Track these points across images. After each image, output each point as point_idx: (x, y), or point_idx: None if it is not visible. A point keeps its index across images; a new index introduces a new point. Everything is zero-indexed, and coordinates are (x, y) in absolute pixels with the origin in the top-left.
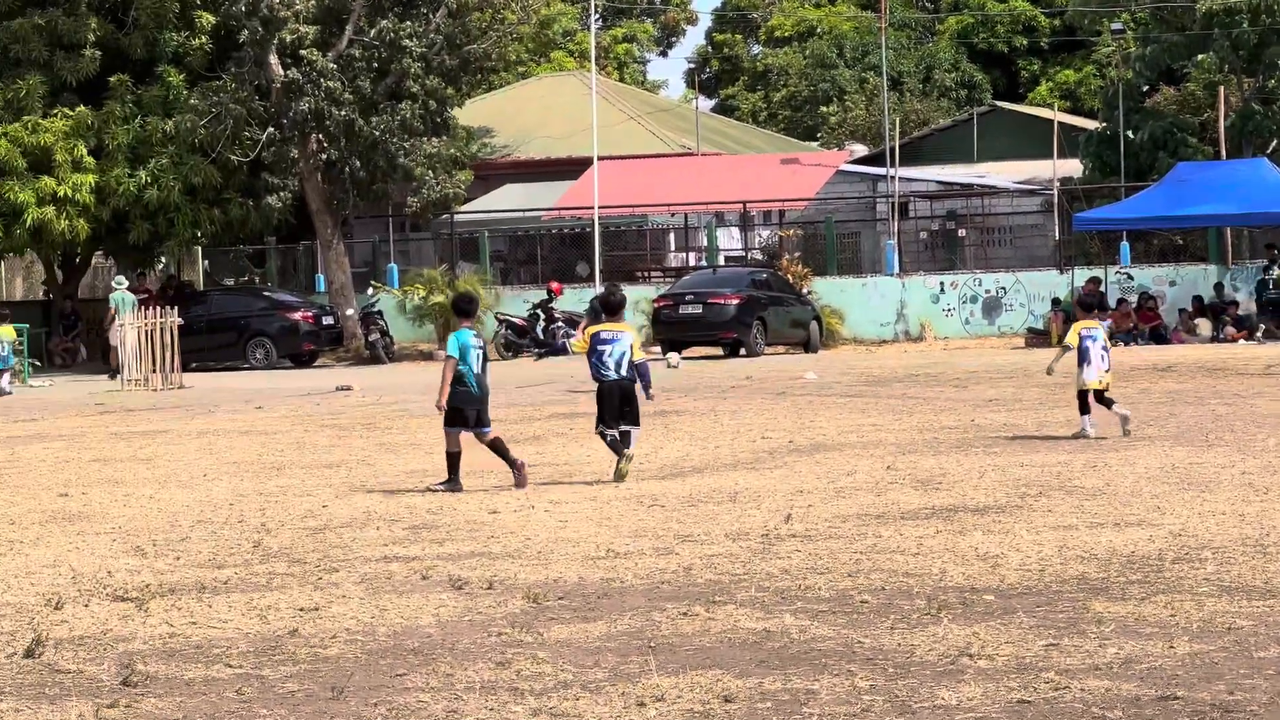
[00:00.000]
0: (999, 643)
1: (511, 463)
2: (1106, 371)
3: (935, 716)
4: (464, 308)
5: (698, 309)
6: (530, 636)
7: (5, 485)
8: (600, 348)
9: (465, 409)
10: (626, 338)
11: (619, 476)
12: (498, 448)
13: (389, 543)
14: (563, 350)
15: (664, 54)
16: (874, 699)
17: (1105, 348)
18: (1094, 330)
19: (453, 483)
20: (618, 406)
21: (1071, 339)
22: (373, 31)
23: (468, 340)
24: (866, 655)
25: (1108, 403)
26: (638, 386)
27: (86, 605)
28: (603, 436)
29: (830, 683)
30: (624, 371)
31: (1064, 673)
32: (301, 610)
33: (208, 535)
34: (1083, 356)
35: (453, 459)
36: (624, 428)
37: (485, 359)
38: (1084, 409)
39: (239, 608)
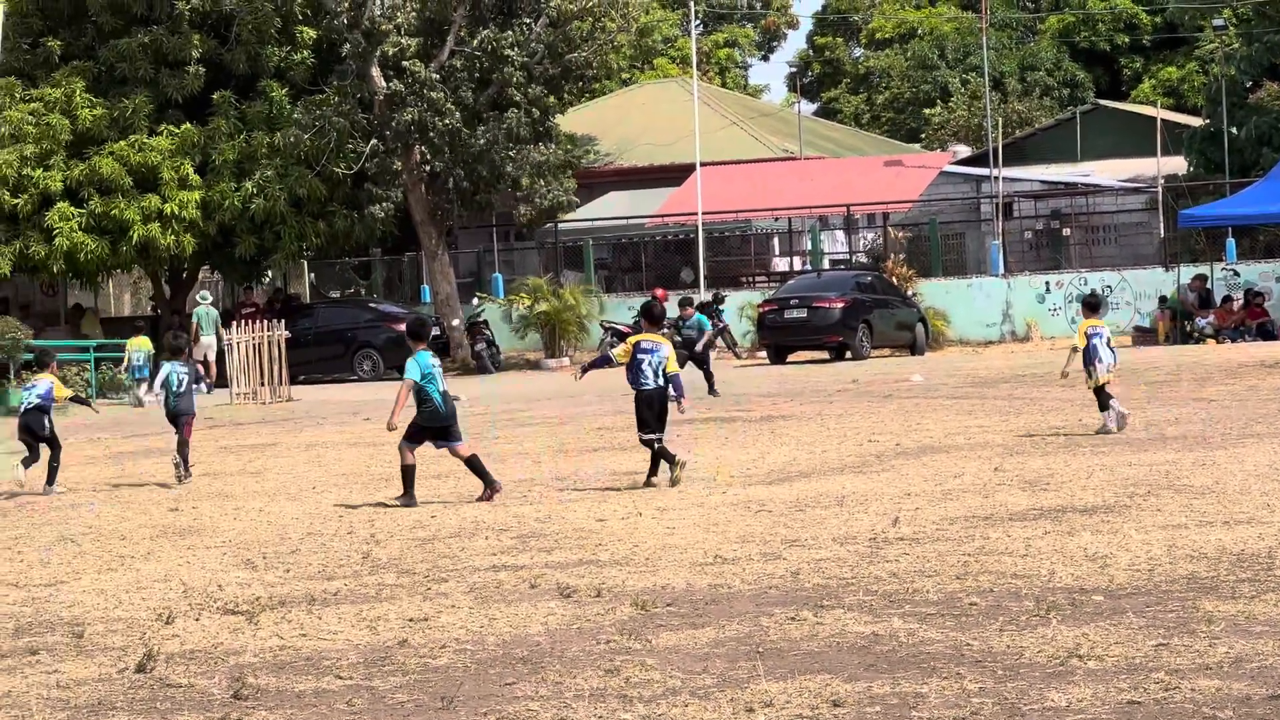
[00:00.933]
0: (1108, 643)
1: (488, 482)
2: (1112, 368)
3: (1044, 718)
4: (417, 331)
5: (803, 313)
6: (638, 643)
7: (117, 500)
8: (640, 357)
9: (433, 426)
10: (665, 349)
11: (674, 482)
12: (474, 465)
13: (497, 552)
14: (606, 361)
15: (765, 58)
16: (983, 701)
17: (1111, 346)
18: (1100, 329)
19: (408, 497)
20: (656, 413)
21: (1080, 340)
22: (474, 41)
23: (428, 362)
24: (975, 658)
25: (1106, 399)
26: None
27: (197, 619)
28: (650, 445)
29: (939, 686)
30: (660, 381)
31: (1174, 673)
32: (411, 621)
33: (317, 547)
34: (1091, 355)
35: (408, 473)
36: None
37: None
38: (1103, 405)
39: (349, 619)
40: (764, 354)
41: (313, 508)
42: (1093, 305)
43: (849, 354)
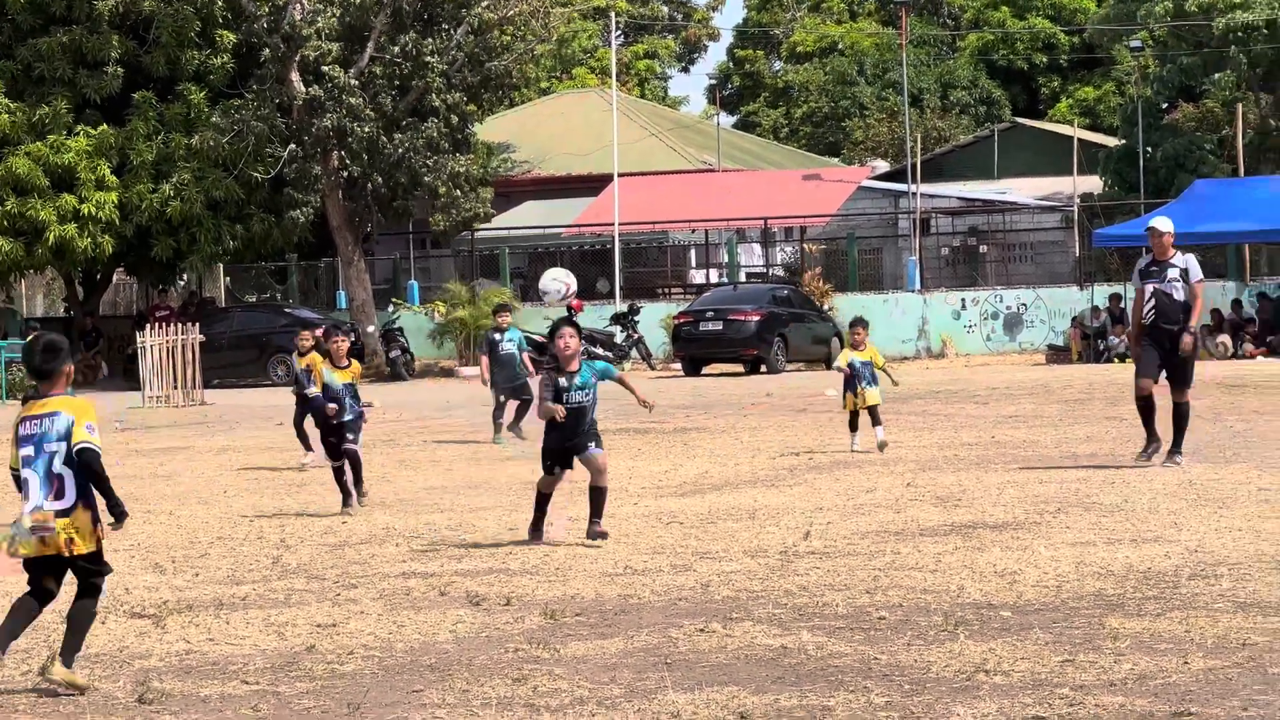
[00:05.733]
0: (1015, 659)
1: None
2: (876, 390)
3: None
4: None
5: (719, 325)
6: (547, 653)
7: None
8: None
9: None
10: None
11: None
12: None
13: (407, 559)
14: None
15: (685, 70)
16: (889, 715)
17: (873, 372)
18: (864, 358)
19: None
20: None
21: (843, 362)
22: (395, 48)
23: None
24: (883, 672)
25: (876, 418)
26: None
27: (103, 622)
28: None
29: (846, 699)
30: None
31: (1079, 689)
32: (319, 626)
33: (226, 552)
34: (853, 381)
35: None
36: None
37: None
38: (853, 427)
39: (256, 624)
40: (679, 366)
41: (223, 512)
42: (857, 326)
43: (764, 367)
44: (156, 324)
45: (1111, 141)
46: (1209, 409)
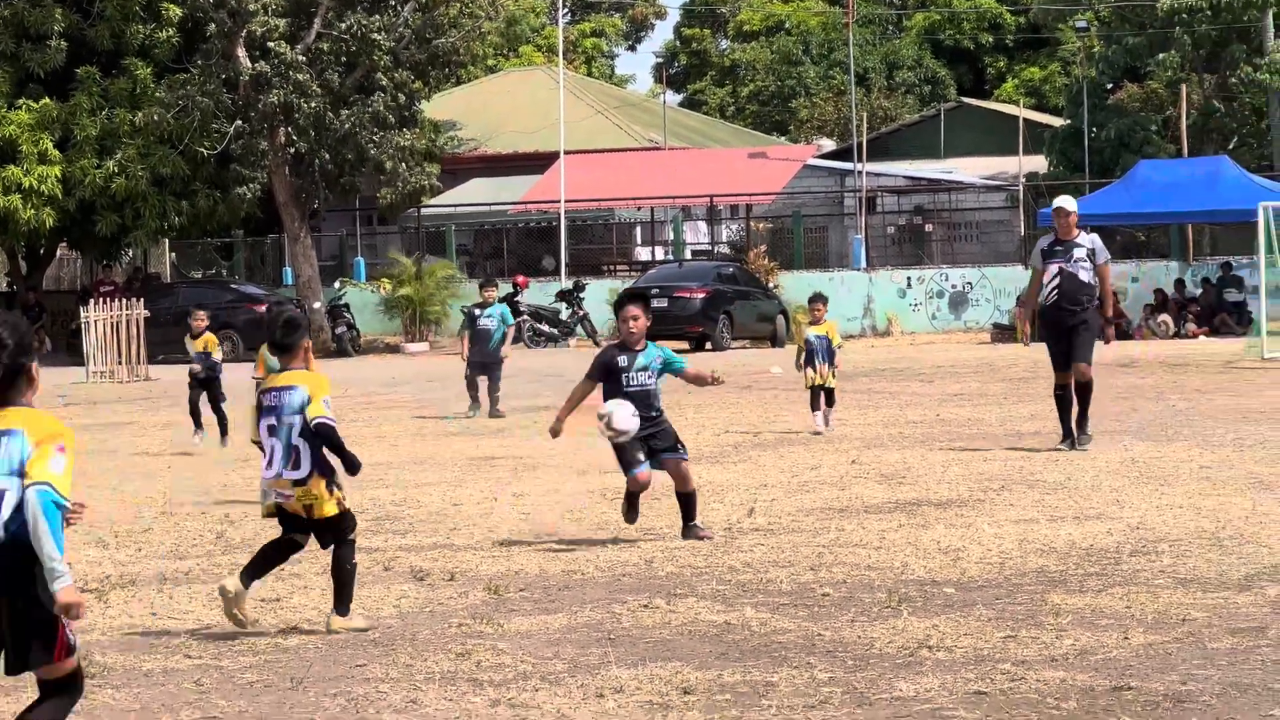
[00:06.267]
0: (958, 635)
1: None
2: (832, 370)
3: (893, 708)
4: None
5: (663, 303)
6: (490, 628)
7: None
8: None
9: None
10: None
11: None
12: None
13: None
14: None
15: (632, 49)
16: (833, 691)
17: (830, 348)
18: (821, 333)
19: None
20: None
21: (799, 339)
22: (342, 25)
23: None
24: (826, 648)
25: (831, 400)
26: None
27: None
28: None
29: (789, 675)
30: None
31: (1020, 664)
32: (263, 601)
33: (171, 527)
34: (810, 356)
35: None
36: None
37: None
38: (815, 405)
39: (200, 599)
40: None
41: (167, 487)
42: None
43: (709, 345)
44: (101, 299)
45: (1057, 121)
46: (1152, 388)
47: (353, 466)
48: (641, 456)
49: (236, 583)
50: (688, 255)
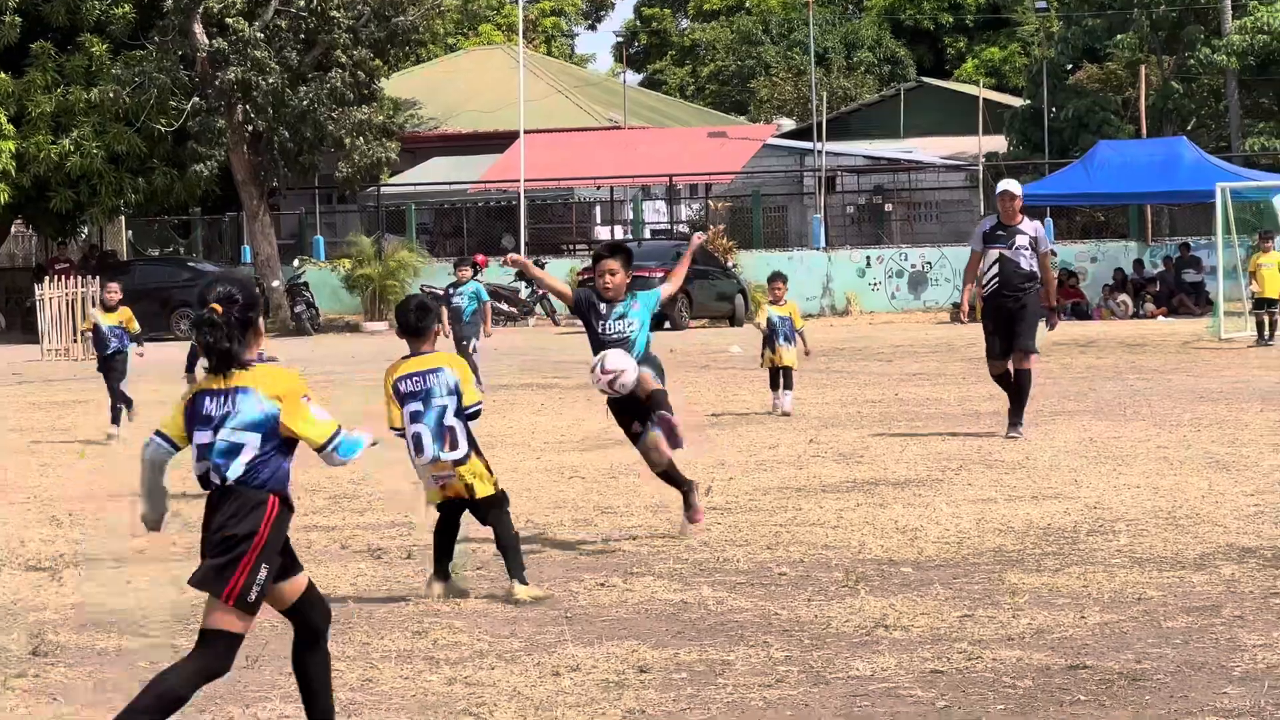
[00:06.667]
0: (914, 614)
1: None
2: (795, 350)
3: (849, 687)
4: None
5: None
6: (447, 606)
7: None
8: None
9: None
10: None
11: None
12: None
13: (309, 512)
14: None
15: (592, 28)
16: (789, 670)
17: (792, 328)
18: (784, 314)
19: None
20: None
21: (761, 319)
22: (300, 2)
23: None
24: (783, 627)
25: (789, 383)
26: None
27: None
28: None
29: (746, 654)
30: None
31: (977, 643)
32: None
33: (124, 506)
34: (772, 336)
35: None
36: None
37: None
38: (775, 385)
39: (154, 577)
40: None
41: (121, 465)
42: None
43: (667, 323)
44: (56, 277)
45: (1017, 102)
46: (1111, 368)
47: None
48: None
49: (439, 587)
50: (647, 234)
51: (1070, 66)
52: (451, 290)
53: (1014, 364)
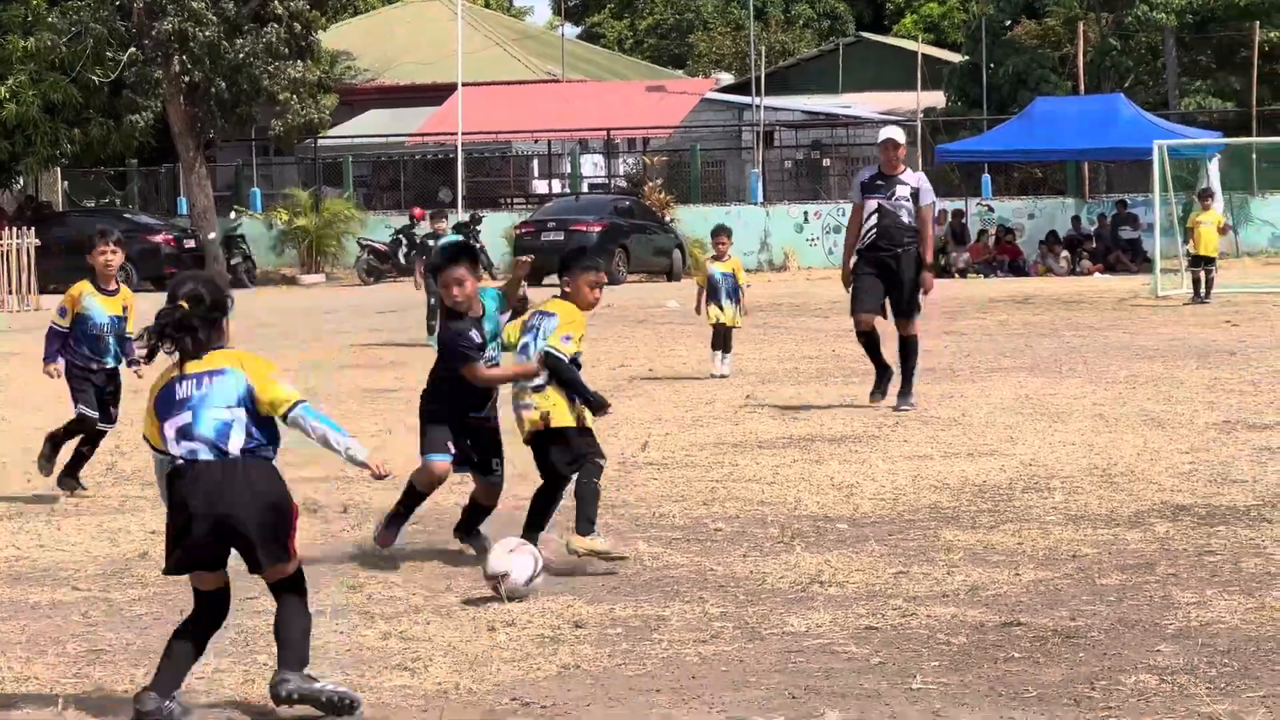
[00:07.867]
0: (850, 570)
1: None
2: (737, 309)
3: (784, 643)
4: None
5: (560, 236)
6: (383, 560)
7: None
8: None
9: None
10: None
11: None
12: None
13: None
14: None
15: None
16: (724, 625)
17: (735, 285)
18: (727, 270)
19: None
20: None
21: (700, 278)
22: None
23: None
24: (718, 583)
25: (728, 345)
26: None
27: None
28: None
29: (681, 609)
30: None
31: (911, 600)
32: (153, 533)
33: (59, 458)
34: (714, 293)
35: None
36: None
37: None
38: (716, 345)
39: (89, 531)
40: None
41: (56, 418)
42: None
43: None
44: None
45: (955, 58)
46: (1047, 324)
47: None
48: (451, 446)
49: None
50: (585, 189)
51: (1009, 23)
52: (431, 242)
53: (899, 330)
